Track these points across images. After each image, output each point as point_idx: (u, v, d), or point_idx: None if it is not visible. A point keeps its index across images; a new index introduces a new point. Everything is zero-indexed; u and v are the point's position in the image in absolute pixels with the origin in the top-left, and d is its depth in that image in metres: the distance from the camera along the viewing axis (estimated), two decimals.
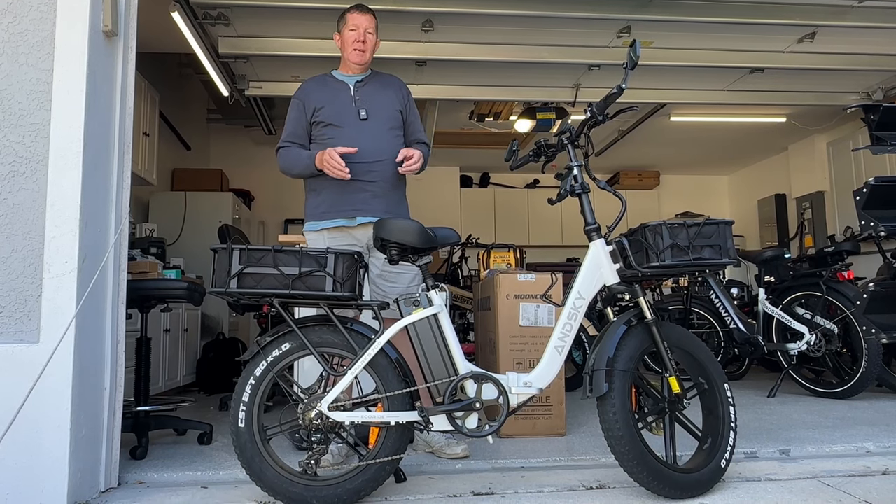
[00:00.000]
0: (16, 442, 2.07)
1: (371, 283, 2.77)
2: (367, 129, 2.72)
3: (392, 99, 2.83)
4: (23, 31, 2.28)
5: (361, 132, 2.70)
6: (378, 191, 2.71)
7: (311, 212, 2.79)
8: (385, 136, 2.75)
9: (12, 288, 2.18)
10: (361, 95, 2.79)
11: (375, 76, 2.88)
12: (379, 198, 2.71)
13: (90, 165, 2.29)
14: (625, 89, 2.21)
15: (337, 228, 2.71)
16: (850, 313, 3.96)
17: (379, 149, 2.72)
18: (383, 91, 2.83)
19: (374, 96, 2.80)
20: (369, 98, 2.79)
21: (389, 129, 2.78)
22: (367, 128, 2.72)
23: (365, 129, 2.71)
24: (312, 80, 2.86)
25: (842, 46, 4.67)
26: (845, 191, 6.63)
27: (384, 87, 2.85)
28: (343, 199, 2.69)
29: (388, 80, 2.91)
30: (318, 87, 2.81)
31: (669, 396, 2.24)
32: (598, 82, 5.18)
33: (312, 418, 2.11)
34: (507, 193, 9.14)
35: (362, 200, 2.69)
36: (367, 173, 2.68)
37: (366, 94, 2.79)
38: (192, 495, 2.28)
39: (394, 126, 2.80)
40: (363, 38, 2.77)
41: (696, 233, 2.22)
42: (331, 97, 2.76)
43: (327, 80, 2.85)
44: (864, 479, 2.38)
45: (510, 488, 2.30)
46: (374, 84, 2.84)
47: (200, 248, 5.70)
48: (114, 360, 2.41)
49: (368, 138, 2.70)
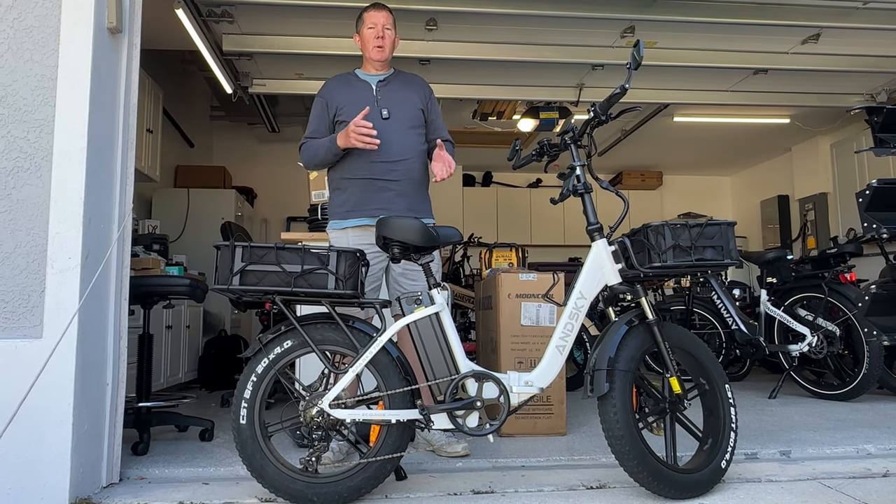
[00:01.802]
0: (18, 437, 2.08)
1: (393, 281, 2.77)
2: (389, 129, 2.71)
3: (414, 98, 2.82)
4: (28, 28, 2.28)
5: (383, 131, 2.67)
6: (402, 189, 2.71)
7: (335, 210, 2.79)
8: (407, 135, 2.75)
9: (16, 283, 2.19)
10: (383, 95, 2.78)
11: (398, 75, 2.88)
12: (402, 196, 2.71)
13: (94, 162, 2.30)
14: (628, 89, 2.21)
15: (361, 227, 2.71)
16: (851, 315, 3.96)
17: (401, 148, 2.72)
18: (405, 90, 2.83)
19: (395, 95, 2.79)
20: (391, 97, 2.78)
21: (411, 129, 2.77)
22: (390, 127, 2.71)
23: (387, 129, 2.70)
24: (335, 79, 2.85)
25: (846, 48, 4.66)
26: (848, 192, 6.61)
27: (406, 85, 2.85)
28: (367, 198, 2.69)
29: (411, 78, 2.90)
30: (341, 86, 2.81)
31: (670, 397, 2.24)
32: (602, 82, 5.18)
33: (314, 416, 2.12)
34: (510, 192, 9.14)
35: (386, 200, 2.69)
36: (390, 172, 2.69)
37: (388, 94, 2.79)
38: (194, 491, 2.29)
39: (415, 125, 2.80)
40: (382, 34, 2.77)
41: (698, 233, 2.22)
42: (353, 96, 2.76)
43: (350, 78, 2.84)
44: (864, 481, 2.38)
45: (510, 487, 2.30)
46: (396, 83, 2.84)
47: (203, 245, 5.70)
48: (116, 356, 2.42)
49: (391, 137, 2.69)
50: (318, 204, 3.79)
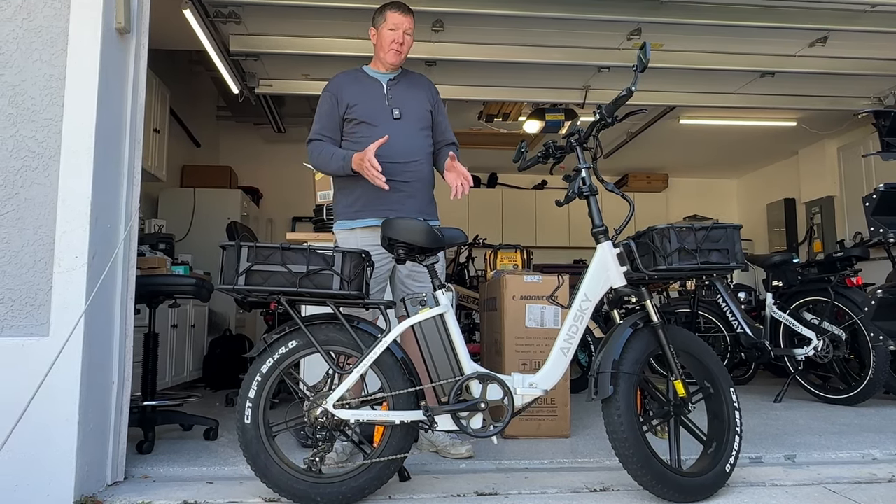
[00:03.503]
0: (24, 435, 2.09)
1: (399, 283, 2.75)
2: (400, 129, 2.70)
3: (422, 98, 2.81)
4: (37, 28, 2.29)
5: (395, 132, 2.66)
6: (412, 191, 2.70)
7: (342, 210, 2.75)
8: (417, 135, 2.75)
9: (23, 282, 2.20)
10: (394, 94, 2.77)
11: (405, 75, 2.87)
12: (413, 198, 2.70)
13: (101, 161, 2.31)
14: (634, 91, 2.21)
15: (370, 228, 2.68)
16: (858, 319, 3.94)
17: (412, 149, 2.71)
18: (414, 90, 2.82)
19: (405, 95, 2.78)
20: (401, 97, 2.77)
21: (421, 129, 2.77)
22: (401, 127, 2.71)
23: (398, 129, 2.69)
24: (344, 74, 2.81)
25: (854, 51, 4.64)
26: (855, 196, 6.59)
27: (414, 86, 2.84)
28: (378, 198, 2.65)
29: (418, 79, 2.89)
30: (351, 82, 2.77)
31: (675, 400, 2.24)
32: (608, 84, 5.17)
33: (318, 416, 2.12)
34: (515, 194, 9.14)
35: (397, 200, 2.67)
36: (401, 173, 2.67)
37: (398, 93, 2.78)
38: (198, 490, 2.30)
39: (424, 126, 2.79)
40: (402, 39, 2.74)
41: (703, 236, 2.22)
42: (364, 94, 2.73)
43: (359, 75, 2.81)
44: (869, 487, 2.37)
45: (514, 489, 2.30)
46: (405, 83, 2.83)
47: (208, 245, 5.72)
48: (122, 355, 2.43)
49: (402, 138, 2.69)
50: (323, 204, 3.80)
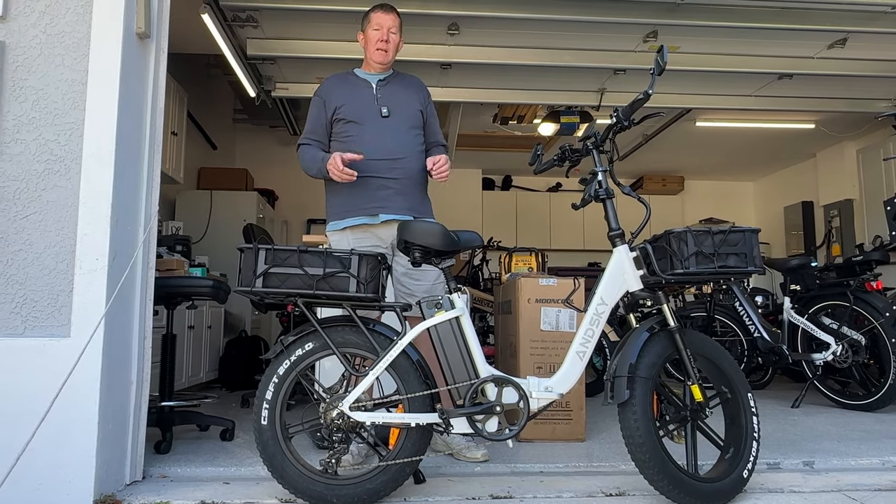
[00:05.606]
0: (45, 435, 2.11)
1: (396, 281, 2.78)
2: (388, 127, 2.73)
3: (413, 99, 2.84)
4: (60, 33, 2.33)
5: (383, 129, 2.71)
6: (401, 188, 2.72)
7: (332, 211, 2.79)
8: (406, 133, 2.77)
9: (45, 283, 2.24)
10: (383, 93, 2.79)
11: (397, 76, 2.89)
12: (402, 195, 2.72)
13: (122, 164, 2.34)
14: (651, 95, 2.20)
15: (360, 227, 2.71)
16: (878, 324, 3.89)
17: (401, 146, 2.73)
18: (405, 90, 2.84)
19: (395, 95, 2.81)
20: (391, 96, 2.80)
21: (410, 128, 2.79)
22: (389, 125, 2.74)
23: (387, 127, 2.73)
24: (334, 78, 2.86)
25: (873, 52, 4.59)
26: (875, 199, 6.50)
27: (406, 86, 2.87)
28: (366, 196, 2.69)
29: (410, 80, 2.92)
30: (340, 85, 2.82)
31: (691, 404, 2.23)
32: (624, 87, 5.15)
33: (334, 418, 2.13)
34: (530, 196, 9.12)
35: (385, 197, 2.69)
36: (389, 170, 2.69)
37: (388, 93, 2.80)
38: (215, 490, 2.32)
39: (414, 125, 2.81)
40: (386, 37, 2.78)
41: (721, 240, 2.20)
42: (352, 95, 2.77)
43: (349, 77, 2.86)
44: (890, 494, 2.34)
45: (529, 493, 2.30)
46: (396, 83, 2.86)
47: (225, 247, 5.77)
48: (141, 356, 2.45)
49: (390, 136, 2.72)
50: None
